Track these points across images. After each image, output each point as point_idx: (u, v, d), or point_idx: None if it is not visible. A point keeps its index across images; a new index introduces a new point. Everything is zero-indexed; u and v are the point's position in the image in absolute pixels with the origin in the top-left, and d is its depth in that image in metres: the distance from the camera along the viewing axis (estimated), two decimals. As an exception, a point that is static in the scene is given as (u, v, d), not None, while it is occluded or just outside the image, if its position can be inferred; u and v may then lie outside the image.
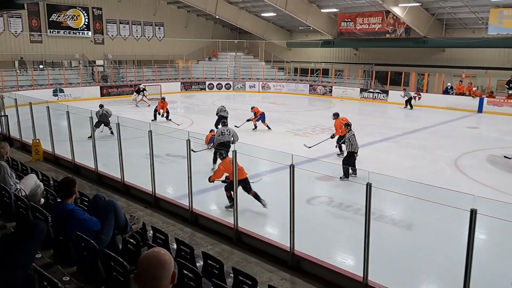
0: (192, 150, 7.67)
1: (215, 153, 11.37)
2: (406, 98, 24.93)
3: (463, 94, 24.86)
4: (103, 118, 14.96)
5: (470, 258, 4.51)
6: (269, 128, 17.33)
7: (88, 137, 11.08)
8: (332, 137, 13.57)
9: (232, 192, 7.92)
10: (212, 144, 12.74)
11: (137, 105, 24.81)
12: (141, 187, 8.98)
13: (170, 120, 19.04)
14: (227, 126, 12.56)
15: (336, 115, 13.69)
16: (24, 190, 5.95)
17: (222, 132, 11.86)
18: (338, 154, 13.31)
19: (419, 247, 7.48)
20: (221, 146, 10.95)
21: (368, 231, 5.37)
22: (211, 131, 14.56)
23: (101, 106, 15.93)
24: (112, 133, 14.80)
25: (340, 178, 10.69)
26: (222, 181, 8.72)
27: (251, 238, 6.79)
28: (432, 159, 13.54)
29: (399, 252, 7.21)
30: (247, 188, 8.43)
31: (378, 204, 7.56)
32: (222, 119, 15.20)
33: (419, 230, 8.29)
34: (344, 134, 12.11)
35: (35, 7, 28.12)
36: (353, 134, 11.34)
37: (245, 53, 38.06)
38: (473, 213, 4.41)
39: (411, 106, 24.86)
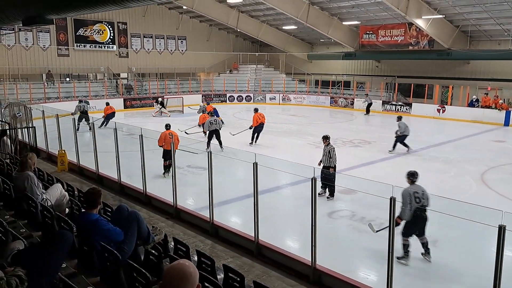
0: (185, 132, 7.75)
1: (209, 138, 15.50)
2: (366, 103, 27.10)
3: (489, 107, 24.43)
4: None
5: (499, 276, 4.38)
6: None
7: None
8: (250, 128, 16.68)
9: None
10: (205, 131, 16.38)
11: (153, 115, 25.61)
12: (163, 198, 9.04)
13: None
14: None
15: (255, 110, 16.92)
16: (50, 200, 6.07)
17: (211, 122, 15.53)
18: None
19: (445, 263, 7.32)
20: (212, 132, 15.39)
21: (392, 246, 5.28)
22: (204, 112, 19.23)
23: (80, 101, 18.45)
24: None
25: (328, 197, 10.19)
26: None
27: (272, 251, 6.75)
28: (457, 173, 13.30)
29: (424, 268, 7.06)
30: None
31: (401, 218, 7.42)
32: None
33: (444, 246, 8.11)
34: (258, 125, 16.42)
35: (63, 22, 28.94)
36: (334, 148, 10.82)
37: (266, 65, 38.24)
38: (501, 230, 4.29)
39: (368, 112, 26.99)
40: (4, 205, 6.30)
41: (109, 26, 31.58)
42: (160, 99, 27.35)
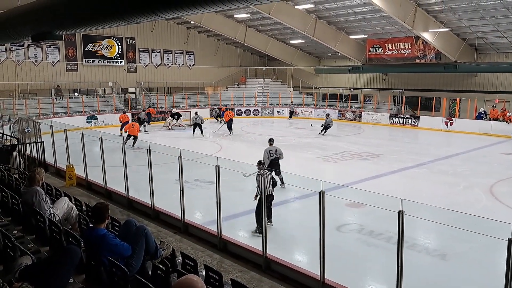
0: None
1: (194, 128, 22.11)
2: (290, 109, 31.12)
3: (497, 119, 24.29)
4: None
5: (509, 290, 4.32)
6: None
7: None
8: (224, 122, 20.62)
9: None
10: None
11: (170, 128, 26.06)
12: (171, 212, 9.02)
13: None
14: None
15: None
16: (58, 215, 6.08)
17: (195, 118, 22.25)
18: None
19: (454, 277, 7.23)
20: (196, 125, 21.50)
21: (401, 260, 5.22)
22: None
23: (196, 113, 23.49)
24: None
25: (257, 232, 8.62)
26: None
27: (280, 265, 6.70)
28: (466, 186, 13.19)
29: (433, 282, 6.98)
30: None
31: (410, 232, 7.38)
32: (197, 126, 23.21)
33: (454, 260, 8.02)
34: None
35: (72, 38, 29.31)
36: (262, 174, 8.59)
37: (273, 79, 38.41)
38: (511, 243, 4.25)
39: (290, 117, 31.32)
40: (12, 220, 6.33)
41: (118, 41, 31.94)
42: (175, 110, 27.77)
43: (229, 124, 24.03)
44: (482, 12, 22.21)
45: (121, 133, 21.16)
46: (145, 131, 24.45)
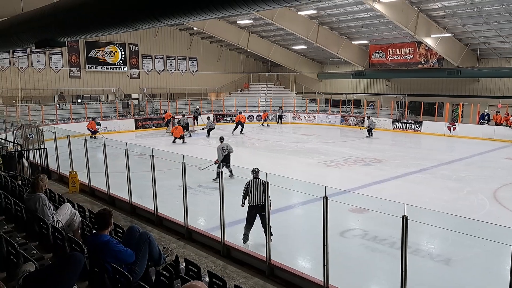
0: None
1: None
2: (278, 114, 32.40)
3: (500, 124, 24.24)
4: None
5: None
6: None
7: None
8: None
9: None
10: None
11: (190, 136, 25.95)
12: (174, 218, 9.01)
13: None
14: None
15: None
16: (61, 221, 6.07)
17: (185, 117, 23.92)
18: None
19: (458, 282, 7.19)
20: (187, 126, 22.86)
21: (405, 266, 5.20)
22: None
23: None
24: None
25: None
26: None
27: (284, 271, 6.68)
28: (470, 191, 13.14)
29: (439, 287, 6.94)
30: None
31: (414, 237, 7.35)
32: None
33: (458, 265, 7.98)
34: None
35: (75, 44, 29.44)
36: (249, 184, 8.60)
37: (276, 85, 38.47)
38: (516, 249, 4.23)
39: (279, 122, 32.34)
40: (15, 227, 6.34)
41: (121, 48, 32.07)
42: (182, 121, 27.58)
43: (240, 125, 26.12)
44: (484, 18, 22.22)
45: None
46: (189, 135, 24.80)
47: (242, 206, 8.68)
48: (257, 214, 8.32)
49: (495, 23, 22.47)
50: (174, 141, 22.60)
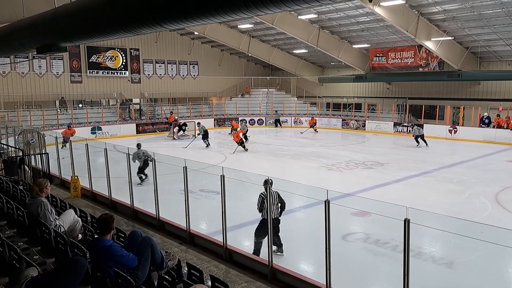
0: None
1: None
2: (275, 118, 32.62)
3: (501, 127, 24.23)
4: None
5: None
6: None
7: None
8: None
9: None
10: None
11: (174, 138, 26.30)
12: (176, 223, 8.99)
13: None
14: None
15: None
16: (63, 226, 6.07)
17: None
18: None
19: (461, 285, 7.17)
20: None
21: (407, 269, 5.19)
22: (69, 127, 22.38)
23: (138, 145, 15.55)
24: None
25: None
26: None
27: (286, 275, 6.67)
28: (472, 194, 13.12)
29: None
30: None
31: (416, 240, 7.34)
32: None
33: (460, 268, 7.96)
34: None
35: (76, 49, 29.53)
36: (264, 196, 8.03)
37: (277, 89, 38.53)
38: (519, 251, 4.21)
39: (278, 125, 33.01)
40: (17, 232, 6.34)
41: (122, 53, 32.16)
42: (182, 121, 27.96)
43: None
44: (485, 21, 22.26)
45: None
46: (208, 144, 23.71)
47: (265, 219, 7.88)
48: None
49: (495, 26, 22.51)
50: (241, 145, 21.17)
